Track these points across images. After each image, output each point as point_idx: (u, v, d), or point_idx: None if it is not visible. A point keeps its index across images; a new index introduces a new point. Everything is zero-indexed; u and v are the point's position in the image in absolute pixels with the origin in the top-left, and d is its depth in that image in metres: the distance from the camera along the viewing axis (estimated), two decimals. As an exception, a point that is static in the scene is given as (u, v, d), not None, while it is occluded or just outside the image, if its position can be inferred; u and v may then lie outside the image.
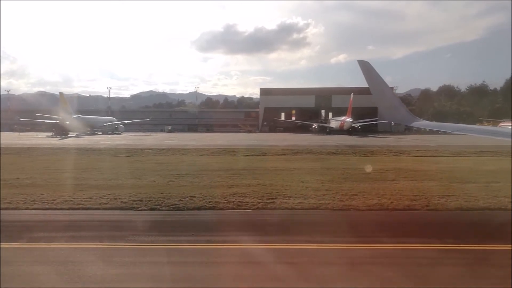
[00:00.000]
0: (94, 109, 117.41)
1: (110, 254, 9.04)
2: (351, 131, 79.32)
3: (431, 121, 11.61)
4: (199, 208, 13.49)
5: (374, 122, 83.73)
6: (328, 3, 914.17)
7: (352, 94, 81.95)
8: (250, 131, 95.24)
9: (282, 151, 38.01)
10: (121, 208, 13.57)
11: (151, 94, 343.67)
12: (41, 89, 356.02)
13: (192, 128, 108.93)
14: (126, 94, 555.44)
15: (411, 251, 9.31)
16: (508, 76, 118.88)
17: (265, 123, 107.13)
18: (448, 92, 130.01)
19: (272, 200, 14.30)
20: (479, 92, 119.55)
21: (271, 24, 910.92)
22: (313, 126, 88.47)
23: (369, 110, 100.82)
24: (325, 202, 14.22)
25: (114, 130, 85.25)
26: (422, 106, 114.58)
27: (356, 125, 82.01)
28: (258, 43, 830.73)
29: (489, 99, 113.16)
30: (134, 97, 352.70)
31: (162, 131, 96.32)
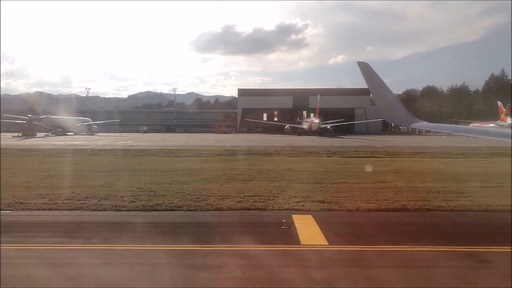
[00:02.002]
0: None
1: None
2: (321, 131, 79.33)
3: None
4: None
5: (345, 123, 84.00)
6: (328, 3, 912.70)
7: (318, 95, 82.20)
8: (225, 132, 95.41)
9: (222, 152, 38.22)
10: None
11: (148, 95, 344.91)
12: (39, 89, 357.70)
13: (170, 128, 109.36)
14: (125, 94, 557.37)
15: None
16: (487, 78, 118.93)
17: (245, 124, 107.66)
18: (431, 92, 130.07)
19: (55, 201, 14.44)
20: (460, 93, 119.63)
21: (270, 25, 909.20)
22: (286, 127, 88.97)
23: (347, 111, 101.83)
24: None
25: (88, 130, 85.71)
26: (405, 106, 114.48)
27: (328, 126, 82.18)
28: (257, 44, 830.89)
29: (468, 100, 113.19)
30: (131, 97, 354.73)
31: (138, 131, 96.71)
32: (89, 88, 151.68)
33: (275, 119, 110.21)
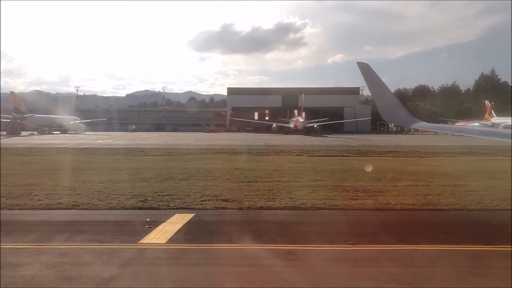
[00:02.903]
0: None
1: None
2: (307, 130, 79.37)
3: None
4: None
5: (331, 122, 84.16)
6: (327, 3, 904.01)
7: (303, 94, 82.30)
8: (213, 131, 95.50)
9: (192, 151, 38.13)
10: None
11: (146, 94, 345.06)
12: (38, 88, 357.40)
13: (160, 127, 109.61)
14: (123, 93, 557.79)
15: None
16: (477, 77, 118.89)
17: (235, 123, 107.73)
18: (422, 92, 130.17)
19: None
20: (450, 92, 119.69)
21: (268, 24, 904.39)
22: (273, 126, 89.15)
23: (336, 110, 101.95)
24: None
25: (76, 129, 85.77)
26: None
27: (314, 125, 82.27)
28: (256, 42, 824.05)
29: (458, 99, 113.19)
30: (129, 96, 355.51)
31: (126, 130, 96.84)
32: (78, 87, 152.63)
33: (267, 118, 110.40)
